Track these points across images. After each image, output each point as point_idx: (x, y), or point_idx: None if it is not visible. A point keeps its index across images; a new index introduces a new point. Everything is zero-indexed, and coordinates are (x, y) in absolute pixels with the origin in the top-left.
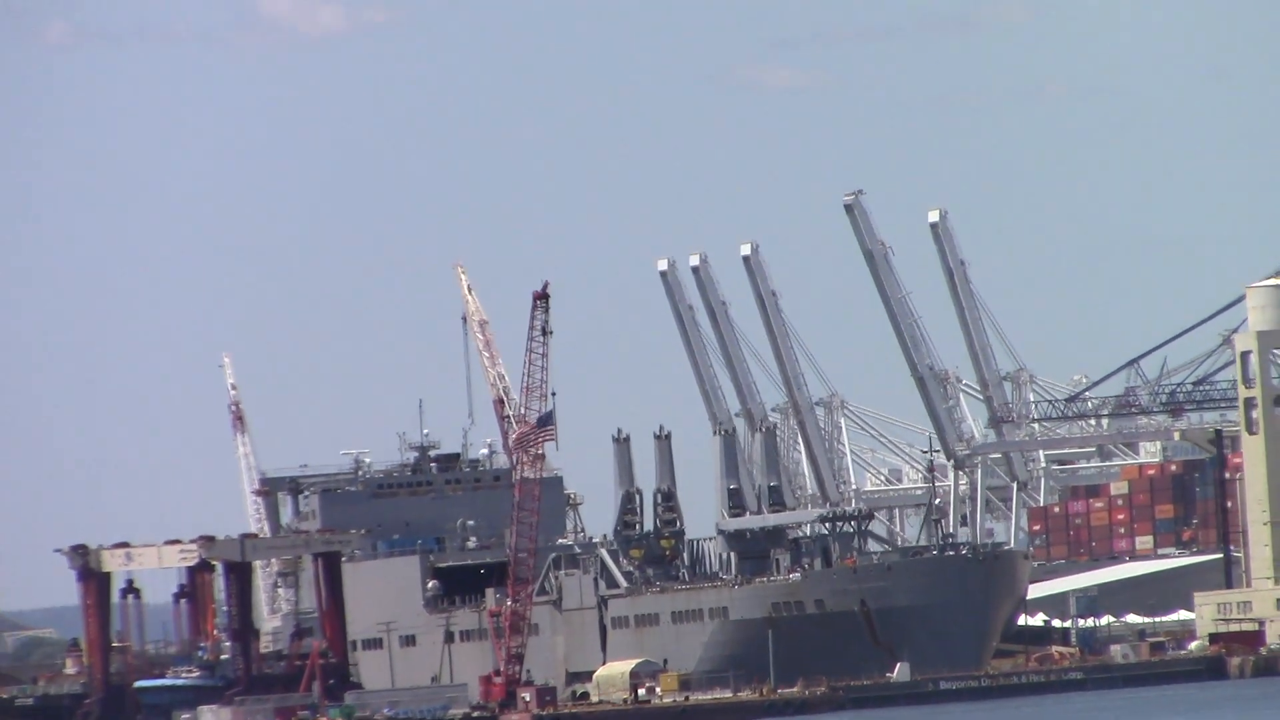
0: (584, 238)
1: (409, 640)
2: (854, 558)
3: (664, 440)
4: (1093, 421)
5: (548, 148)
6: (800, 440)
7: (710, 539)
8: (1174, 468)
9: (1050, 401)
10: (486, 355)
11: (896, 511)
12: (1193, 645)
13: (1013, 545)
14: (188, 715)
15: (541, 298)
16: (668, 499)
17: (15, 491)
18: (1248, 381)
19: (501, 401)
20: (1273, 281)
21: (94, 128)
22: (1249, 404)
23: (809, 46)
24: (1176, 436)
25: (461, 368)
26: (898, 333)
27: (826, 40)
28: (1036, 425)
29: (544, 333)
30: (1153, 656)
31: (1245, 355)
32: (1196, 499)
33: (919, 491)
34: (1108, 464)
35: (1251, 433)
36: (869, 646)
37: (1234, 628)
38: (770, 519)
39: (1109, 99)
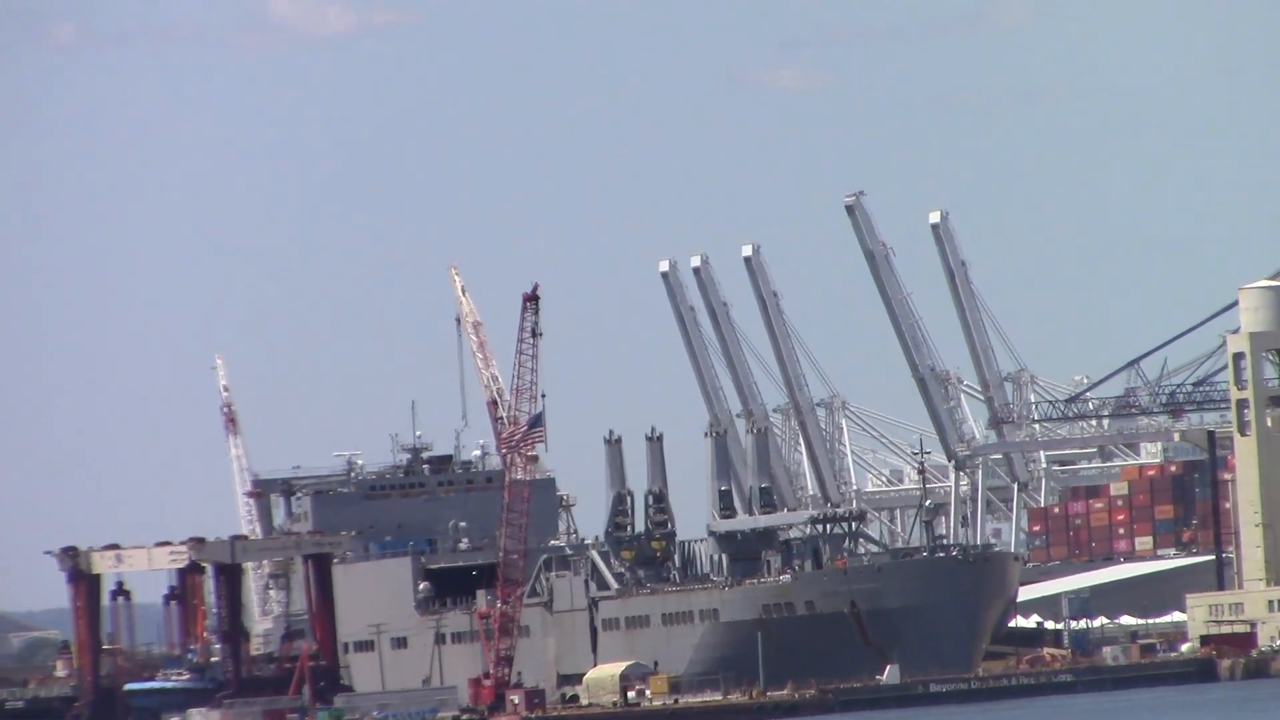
0: (585, 239)
1: (400, 642)
2: (844, 559)
3: (655, 442)
4: (1093, 422)
5: (549, 149)
6: (801, 441)
7: (701, 540)
8: (1174, 468)
9: (1051, 402)
10: (480, 357)
11: (898, 512)
12: (1184, 647)
13: (1013, 546)
14: (177, 718)
15: (531, 299)
16: (659, 500)
17: (16, 492)
18: (1240, 383)
19: (495, 403)
20: (1265, 283)
21: (94, 130)
22: (1241, 405)
23: (811, 48)
24: (1176, 437)
25: (455, 369)
26: (899, 333)
27: (828, 41)
28: (1037, 426)
29: (534, 334)
30: (1143, 658)
31: (1238, 357)
32: (1196, 500)
33: (920, 492)
34: (1109, 465)
35: (1244, 434)
36: (859, 648)
37: (1225, 630)
38: (761, 520)
39: (1109, 100)
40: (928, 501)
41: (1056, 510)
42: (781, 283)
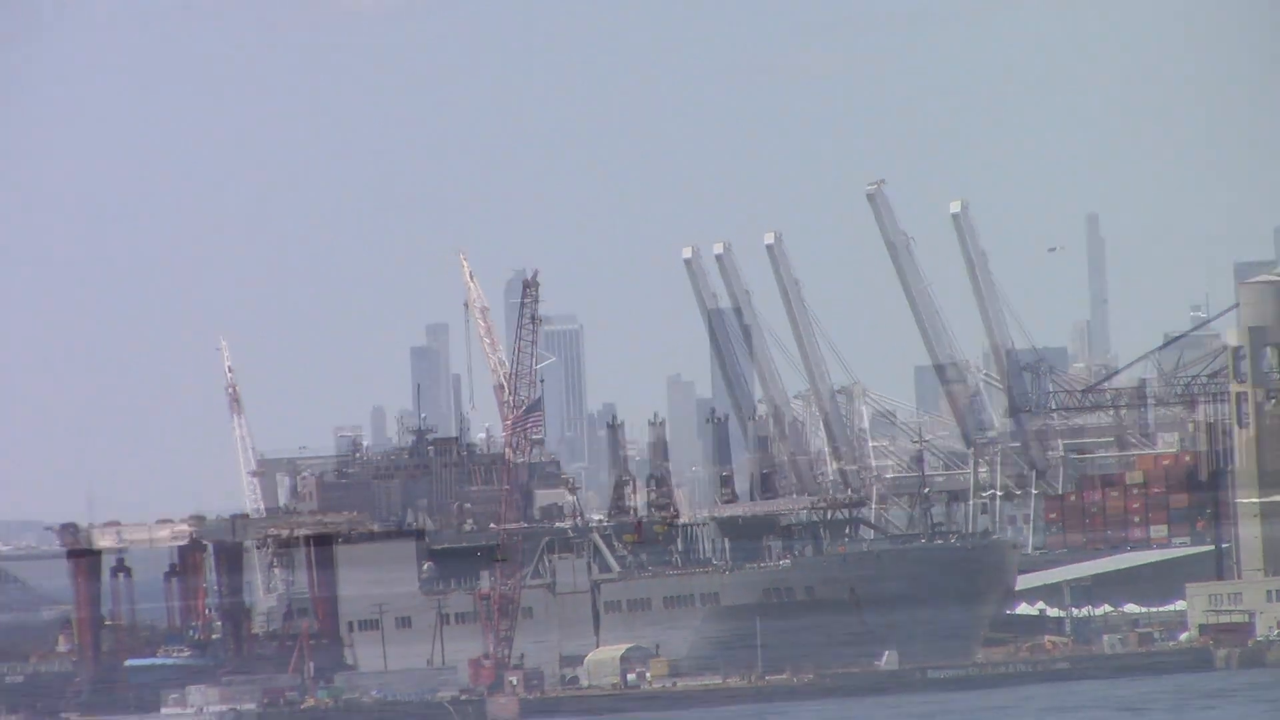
0: (609, 226)
1: (404, 622)
2: (844, 545)
3: (658, 426)
4: (1110, 412)
5: (573, 137)
6: (822, 427)
7: (703, 525)
8: (1189, 458)
9: (1068, 392)
10: (487, 341)
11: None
12: (1183, 636)
13: (1030, 534)
14: (176, 694)
15: (531, 285)
16: (661, 484)
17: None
18: (1240, 376)
19: (502, 387)
20: (1264, 278)
21: (109, 109)
22: (1240, 398)
23: (837, 34)
24: (1190, 428)
25: (462, 354)
26: (918, 322)
27: (855, 28)
28: (1055, 415)
29: (533, 320)
30: (1141, 647)
31: (1237, 350)
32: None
33: (940, 479)
34: (1125, 454)
35: (1242, 426)
36: (858, 634)
37: (1224, 619)
38: (762, 506)
39: (1134, 90)
40: (925, 489)
41: (1072, 498)
42: (803, 270)
